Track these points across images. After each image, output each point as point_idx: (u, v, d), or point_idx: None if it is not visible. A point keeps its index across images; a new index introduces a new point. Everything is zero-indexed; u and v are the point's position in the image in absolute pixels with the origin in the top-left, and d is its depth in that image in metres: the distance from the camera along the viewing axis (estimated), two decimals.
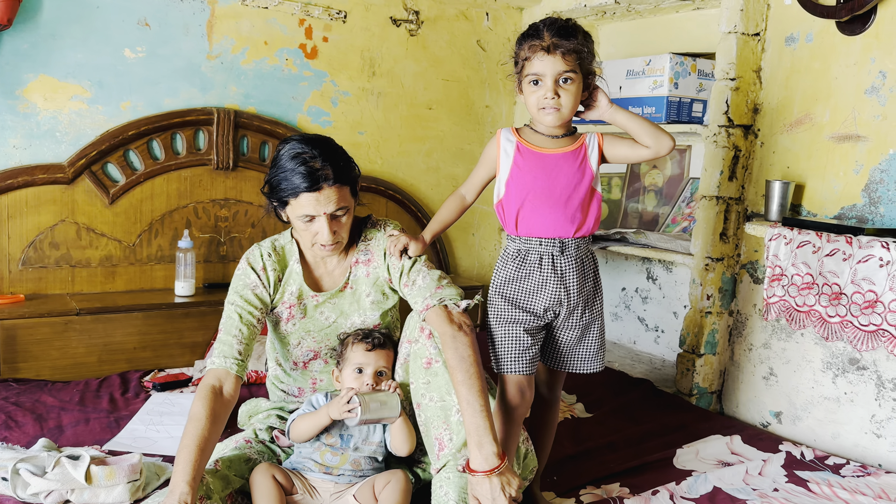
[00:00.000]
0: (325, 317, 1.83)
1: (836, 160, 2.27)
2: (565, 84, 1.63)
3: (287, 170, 1.66)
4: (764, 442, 2.19)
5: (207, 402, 1.58)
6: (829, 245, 1.95)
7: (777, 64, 2.43)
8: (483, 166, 1.78)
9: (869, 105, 2.19)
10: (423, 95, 3.24)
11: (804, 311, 2.02)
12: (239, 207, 2.87)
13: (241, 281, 1.77)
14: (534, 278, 1.68)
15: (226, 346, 1.68)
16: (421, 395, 1.66)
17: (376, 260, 1.83)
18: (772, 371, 2.46)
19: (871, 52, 2.17)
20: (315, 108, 3.00)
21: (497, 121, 3.45)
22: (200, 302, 2.62)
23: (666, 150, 1.67)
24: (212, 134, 2.75)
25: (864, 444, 2.20)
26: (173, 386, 2.36)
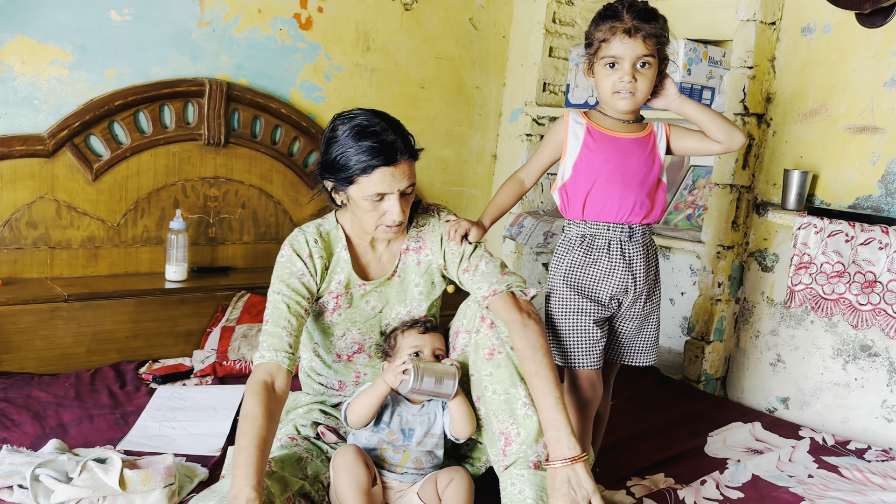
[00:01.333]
0: (370, 306, 1.72)
1: (853, 151, 2.31)
2: (643, 69, 1.59)
3: (354, 145, 1.53)
4: (783, 428, 2.22)
5: (262, 399, 1.45)
6: (863, 234, 1.97)
7: (792, 54, 2.44)
8: (547, 149, 1.71)
9: (888, 97, 2.23)
10: (416, 73, 3.13)
11: (833, 300, 2.04)
12: (230, 186, 2.69)
13: (286, 269, 1.64)
14: (601, 264, 1.63)
15: (275, 339, 1.55)
16: (483, 388, 1.59)
17: (428, 247, 1.73)
18: (779, 357, 2.50)
19: (892, 45, 2.21)
20: (308, 82, 2.84)
21: (487, 103, 3.37)
22: (195, 288, 2.44)
23: (738, 146, 1.64)
24: (202, 107, 2.56)
25: (875, 429, 2.26)
26: (174, 378, 2.20)
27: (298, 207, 2.86)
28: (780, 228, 2.48)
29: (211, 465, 1.72)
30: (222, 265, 2.71)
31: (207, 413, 1.96)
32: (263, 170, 2.75)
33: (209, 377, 2.25)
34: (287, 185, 2.82)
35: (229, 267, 2.72)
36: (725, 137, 1.63)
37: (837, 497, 1.80)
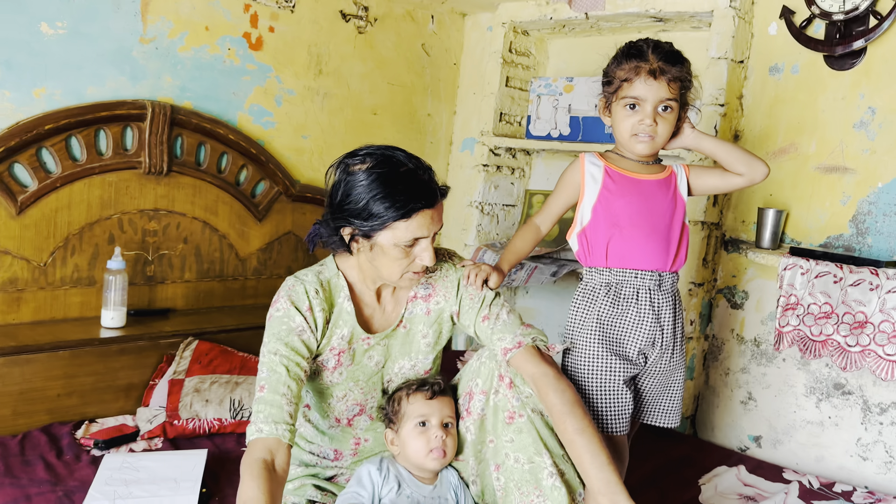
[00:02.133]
0: (374, 362, 1.55)
1: (823, 190, 2.33)
2: (664, 112, 1.51)
3: (389, 188, 1.36)
4: (766, 471, 2.19)
5: (263, 483, 1.25)
6: (852, 276, 1.97)
7: (760, 92, 2.46)
8: (563, 193, 1.60)
9: (857, 139, 2.26)
10: (369, 99, 2.97)
11: (821, 341, 2.03)
12: (171, 219, 2.43)
13: (283, 325, 1.44)
14: (630, 316, 1.53)
15: (274, 409, 1.35)
16: (504, 456, 1.44)
17: (441, 294, 1.57)
18: (751, 395, 2.48)
19: (861, 87, 2.25)
20: (257, 106, 2.63)
21: (438, 130, 3.25)
22: (136, 336, 2.17)
23: (761, 177, 1.59)
24: (143, 132, 2.30)
25: (850, 467, 2.27)
26: (119, 442, 1.93)
27: (245, 242, 2.63)
28: (749, 265, 2.47)
29: None
30: (161, 307, 2.44)
31: (168, 486, 1.71)
32: (208, 201, 2.51)
33: (158, 439, 1.99)
34: (233, 217, 2.59)
35: (169, 309, 2.45)
36: (747, 169, 1.57)
37: None
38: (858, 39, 2.18)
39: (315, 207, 2.81)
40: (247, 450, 1.33)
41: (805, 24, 2.29)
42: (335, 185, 1.44)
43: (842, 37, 2.21)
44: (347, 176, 1.41)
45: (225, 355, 2.23)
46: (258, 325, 2.41)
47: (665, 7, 2.51)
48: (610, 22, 2.78)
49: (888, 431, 2.19)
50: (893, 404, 2.17)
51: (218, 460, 1.89)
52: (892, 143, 2.19)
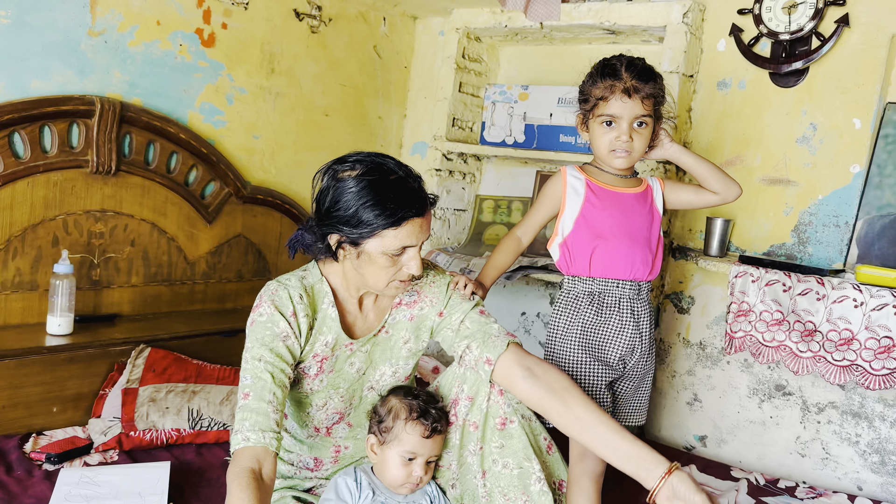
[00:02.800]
0: (355, 368, 1.53)
1: (767, 201, 2.45)
2: (640, 128, 1.57)
3: (379, 195, 1.35)
4: (716, 469, 2.29)
5: (253, 493, 1.22)
6: (800, 285, 2.08)
7: (708, 106, 2.56)
8: (545, 205, 1.63)
9: (800, 153, 2.39)
10: (321, 100, 2.92)
11: (773, 346, 2.13)
12: (118, 221, 2.33)
13: (267, 330, 1.41)
14: (613, 323, 1.58)
15: (261, 417, 1.32)
16: (492, 462, 1.46)
17: (426, 300, 1.57)
18: (696, 397, 2.59)
19: (803, 104, 2.38)
20: (208, 104, 2.55)
21: (388, 133, 3.23)
22: (85, 343, 2.07)
23: (734, 197, 1.66)
24: (91, 129, 2.20)
25: (790, 465, 2.39)
26: (72, 455, 1.83)
27: (194, 244, 2.55)
28: (696, 272, 2.57)
29: None
30: (107, 312, 2.34)
31: (132, 500, 1.64)
32: (157, 202, 2.42)
33: (114, 451, 1.90)
34: (182, 219, 2.50)
35: (115, 314, 2.35)
36: (722, 188, 1.64)
37: None
38: (802, 59, 2.31)
39: (266, 210, 2.75)
40: (233, 459, 1.29)
41: (753, 41, 2.40)
42: (323, 192, 1.42)
43: (787, 56, 2.33)
44: (336, 182, 1.39)
45: (179, 363, 2.16)
46: (210, 332, 2.38)
47: (619, 21, 2.58)
48: (563, 32, 2.83)
49: (825, 430, 2.32)
50: (830, 404, 2.31)
51: (179, 472, 1.83)
52: (831, 157, 2.33)
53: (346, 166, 1.40)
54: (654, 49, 2.68)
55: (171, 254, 2.49)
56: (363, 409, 1.58)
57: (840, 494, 2.14)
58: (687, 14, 2.43)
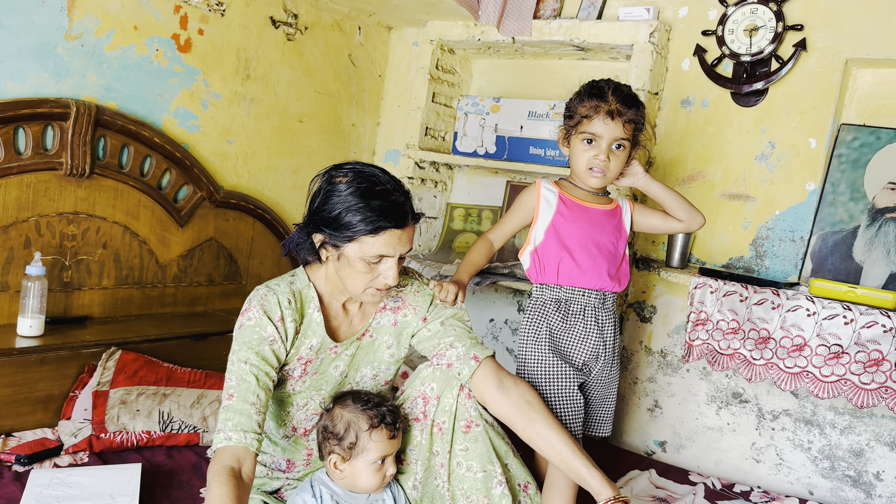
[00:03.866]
0: (339, 371, 1.58)
1: (727, 216, 2.55)
2: (617, 150, 1.64)
3: (363, 202, 1.40)
4: (674, 474, 2.37)
5: (232, 490, 1.26)
6: (756, 295, 2.17)
7: (672, 123, 2.65)
8: (518, 214, 1.70)
9: (758, 170, 2.49)
10: (296, 106, 2.96)
11: (728, 354, 2.22)
12: (91, 224, 2.33)
13: (255, 334, 1.45)
14: (578, 329, 1.65)
15: (243, 418, 1.35)
16: (456, 465, 1.51)
17: (410, 307, 1.62)
18: (657, 403, 2.67)
19: (763, 123, 2.48)
20: (183, 109, 2.57)
21: (362, 140, 3.27)
22: (55, 345, 2.07)
23: (697, 227, 1.75)
24: (66, 132, 2.21)
25: (745, 469, 2.49)
26: (42, 457, 1.84)
27: (166, 248, 2.56)
28: (658, 282, 2.66)
29: None
30: (78, 314, 2.34)
31: (103, 501, 1.65)
32: (129, 205, 2.43)
33: (84, 453, 1.91)
34: (154, 222, 2.51)
35: (86, 316, 2.35)
36: (687, 217, 1.72)
37: None
38: (762, 80, 2.41)
39: (239, 214, 2.77)
40: (214, 457, 1.32)
41: (716, 62, 2.50)
42: (316, 193, 1.48)
43: (748, 76, 2.43)
44: (329, 185, 1.46)
45: (150, 366, 2.17)
46: (181, 336, 2.40)
47: (588, 38, 2.66)
48: (534, 47, 2.91)
49: (779, 436, 2.42)
50: (784, 412, 2.40)
51: (150, 474, 1.85)
52: (788, 175, 2.43)
53: (341, 172, 1.46)
54: (622, 66, 2.77)
55: (142, 257, 2.50)
56: None
57: (792, 499, 2.23)
58: (653, 34, 2.52)
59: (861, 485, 2.29)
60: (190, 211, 2.60)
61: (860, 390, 2.04)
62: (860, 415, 2.28)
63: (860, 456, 2.29)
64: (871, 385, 2.04)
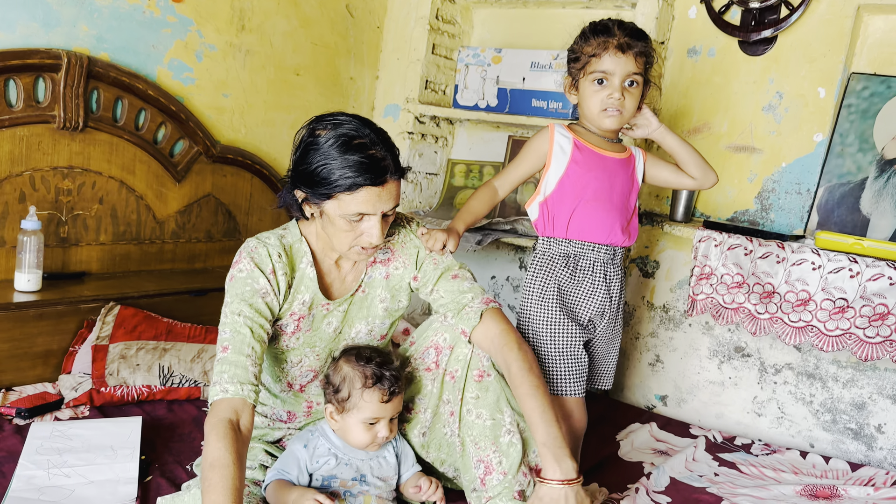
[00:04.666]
0: (332, 328, 1.55)
1: (732, 168, 2.50)
2: (631, 87, 1.58)
3: (339, 157, 1.36)
4: (675, 427, 2.37)
5: (230, 443, 1.25)
6: (761, 248, 2.14)
7: (678, 73, 2.59)
8: (528, 161, 1.65)
9: (765, 121, 2.44)
10: (292, 59, 2.90)
11: (733, 308, 2.20)
12: (86, 178, 2.30)
13: (247, 286, 1.42)
14: (585, 285, 1.61)
15: (239, 370, 1.34)
16: (466, 412, 1.50)
17: (399, 259, 1.59)
18: (658, 358, 2.66)
19: (770, 73, 2.42)
20: (177, 61, 2.51)
21: (360, 94, 3.21)
22: (54, 300, 2.06)
23: (710, 185, 1.69)
24: (57, 84, 2.16)
25: (747, 423, 2.49)
26: (43, 410, 1.84)
27: (163, 203, 2.53)
28: (662, 237, 2.63)
29: None
30: (75, 270, 2.32)
31: (105, 454, 1.65)
32: (125, 159, 2.39)
33: (85, 407, 1.91)
34: (151, 177, 2.48)
35: (84, 272, 2.33)
36: (700, 174, 1.67)
37: (746, 493, 1.94)
38: (771, 27, 2.34)
39: (236, 170, 2.73)
40: (210, 410, 1.31)
41: (723, 9, 2.43)
42: (298, 145, 1.43)
43: (756, 24, 2.36)
44: (310, 138, 1.41)
45: (150, 321, 2.16)
46: (180, 291, 2.38)
47: None
48: None
49: (781, 390, 2.41)
50: (787, 365, 2.39)
51: (151, 427, 1.85)
52: (795, 125, 2.38)
53: (322, 125, 1.41)
54: (627, 15, 2.69)
55: (139, 212, 2.47)
56: None
57: (793, 451, 2.24)
58: None
59: (862, 437, 2.29)
60: (186, 166, 2.57)
61: (865, 344, 2.02)
62: (863, 368, 2.27)
63: (862, 409, 2.28)
64: (875, 339, 2.02)
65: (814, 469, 2.13)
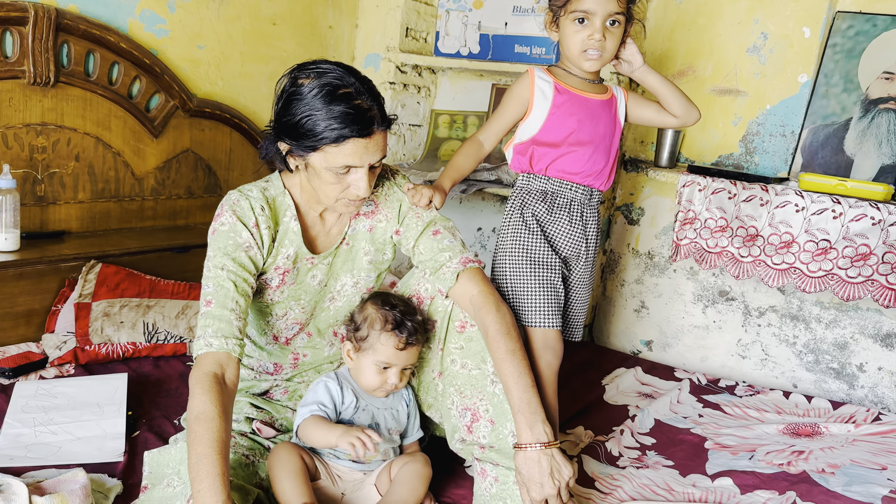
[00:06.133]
0: (317, 280, 1.54)
1: (717, 112, 2.48)
2: (612, 27, 1.54)
3: (324, 108, 1.31)
4: (660, 371, 2.40)
5: (215, 396, 1.25)
6: (745, 192, 2.14)
7: (662, 16, 2.55)
8: (511, 108, 1.61)
9: (749, 63, 2.41)
10: (268, 8, 2.82)
11: (716, 252, 2.21)
12: (60, 135, 2.25)
13: (230, 239, 1.40)
14: (562, 222, 1.60)
15: (223, 324, 1.33)
16: (451, 362, 1.50)
17: (383, 212, 1.57)
18: (643, 304, 2.68)
19: (755, 13, 2.38)
20: (149, 12, 2.44)
21: (339, 44, 3.15)
22: (33, 259, 2.03)
23: (693, 122, 1.68)
24: (25, 37, 2.09)
25: (731, 366, 2.52)
26: (27, 369, 1.83)
27: (141, 160, 2.49)
28: (647, 183, 2.62)
29: (119, 475, 1.46)
30: (55, 229, 2.29)
31: (91, 411, 1.65)
32: (100, 115, 2.34)
33: (70, 365, 1.90)
34: (128, 133, 2.43)
35: (63, 231, 2.30)
36: (683, 112, 1.65)
37: (730, 433, 1.98)
38: None
39: (214, 124, 2.68)
40: (195, 364, 1.31)
41: None
42: (280, 95, 1.39)
43: None
44: (292, 87, 1.36)
45: (132, 278, 2.14)
46: (162, 248, 2.36)
47: None
48: None
49: (765, 332, 2.44)
50: (770, 308, 2.41)
51: (137, 384, 1.85)
52: (780, 67, 2.35)
53: (304, 73, 1.37)
54: None
55: (117, 169, 2.43)
56: (323, 319, 1.60)
57: (776, 391, 2.27)
58: None
59: (844, 376, 2.33)
60: (163, 121, 2.51)
61: (847, 284, 2.04)
62: (845, 308, 2.29)
63: (844, 349, 2.31)
64: (857, 279, 2.04)
65: (796, 408, 2.17)
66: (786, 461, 1.80)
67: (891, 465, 1.80)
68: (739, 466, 1.78)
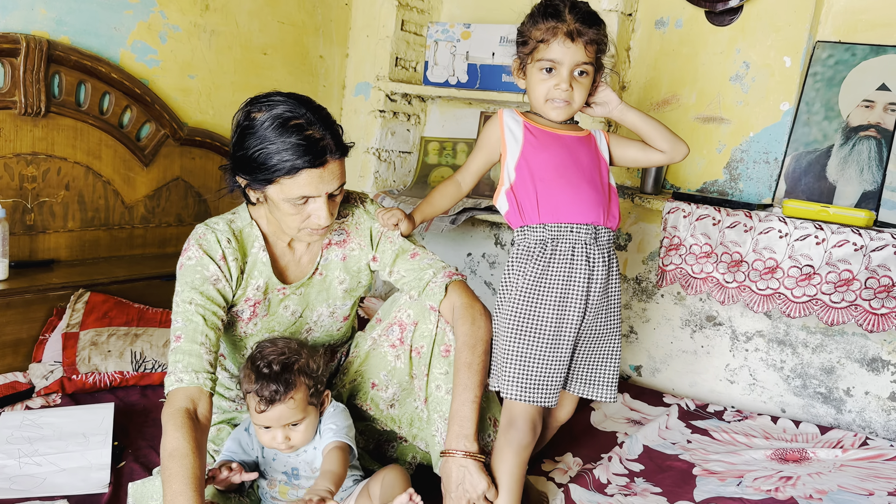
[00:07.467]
0: (290, 311, 1.55)
1: (701, 139, 2.52)
2: (580, 77, 1.49)
3: (276, 140, 1.32)
4: (648, 396, 2.40)
5: (188, 432, 1.25)
6: (729, 218, 2.16)
7: (647, 45, 2.59)
8: (483, 150, 1.59)
9: (733, 91, 2.45)
10: (259, 38, 2.86)
11: (701, 278, 2.22)
12: (51, 164, 2.27)
13: (197, 273, 1.41)
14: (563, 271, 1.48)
15: (193, 358, 1.33)
16: (435, 387, 1.51)
17: (354, 241, 1.58)
18: (632, 329, 2.69)
19: (737, 43, 2.43)
20: (141, 43, 2.47)
21: (330, 73, 3.18)
22: (22, 288, 2.04)
23: (681, 157, 1.60)
24: (17, 68, 2.12)
25: (720, 390, 2.52)
26: (13, 400, 1.83)
27: (131, 188, 2.50)
28: (633, 210, 2.64)
29: None
30: (43, 258, 2.29)
31: (77, 441, 1.65)
32: (91, 144, 2.36)
33: (56, 395, 1.90)
34: (118, 162, 2.45)
35: (53, 260, 2.31)
36: (669, 147, 1.57)
37: (718, 459, 1.98)
38: None
39: (205, 152, 2.70)
40: (167, 400, 1.31)
41: None
42: (234, 129, 1.40)
43: None
44: (245, 121, 1.37)
45: (120, 307, 2.15)
46: (151, 276, 2.36)
47: None
48: None
49: (752, 357, 2.45)
50: (757, 333, 2.43)
51: (125, 413, 1.84)
52: (762, 95, 2.39)
53: (257, 107, 1.37)
54: None
55: (107, 198, 2.44)
56: None
57: (764, 416, 2.28)
58: None
59: (832, 401, 2.33)
60: (154, 149, 2.53)
61: (831, 309, 2.06)
62: (831, 333, 2.31)
63: (831, 373, 2.33)
64: (840, 304, 2.05)
65: (784, 433, 2.17)
66: (774, 487, 1.80)
67: (878, 491, 1.80)
68: (727, 493, 1.78)
